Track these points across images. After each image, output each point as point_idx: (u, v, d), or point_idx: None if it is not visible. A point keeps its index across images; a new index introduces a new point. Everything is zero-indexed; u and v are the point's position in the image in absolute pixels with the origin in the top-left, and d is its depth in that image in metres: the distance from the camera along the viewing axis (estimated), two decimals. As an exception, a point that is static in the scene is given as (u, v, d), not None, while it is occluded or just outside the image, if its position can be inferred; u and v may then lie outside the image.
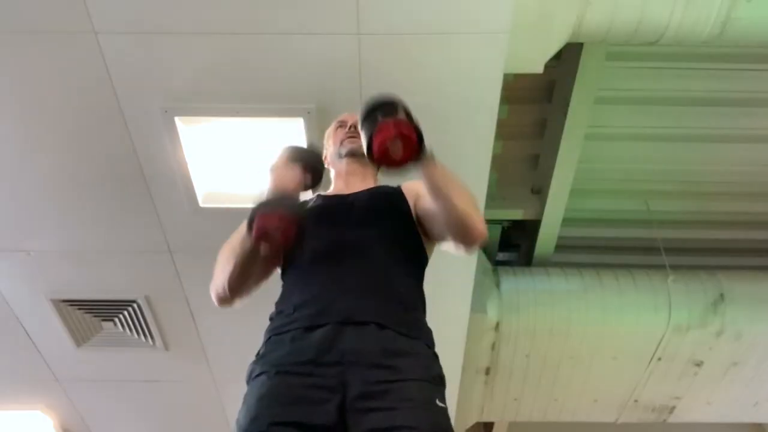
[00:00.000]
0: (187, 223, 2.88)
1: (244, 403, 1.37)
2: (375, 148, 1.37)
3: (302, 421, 1.27)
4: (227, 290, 1.52)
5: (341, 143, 1.80)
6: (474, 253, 1.55)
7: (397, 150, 1.38)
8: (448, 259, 1.78)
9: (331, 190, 1.80)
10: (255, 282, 1.59)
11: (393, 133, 1.36)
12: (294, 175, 1.52)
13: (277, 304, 1.55)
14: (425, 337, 1.48)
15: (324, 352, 1.36)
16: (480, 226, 1.47)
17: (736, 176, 3.85)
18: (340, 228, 1.58)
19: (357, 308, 1.43)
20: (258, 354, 1.46)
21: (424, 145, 1.39)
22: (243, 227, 1.45)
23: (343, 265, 1.50)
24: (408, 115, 1.39)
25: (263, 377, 1.37)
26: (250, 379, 1.42)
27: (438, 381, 1.40)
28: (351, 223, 1.59)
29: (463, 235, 1.49)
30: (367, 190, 1.71)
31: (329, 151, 1.86)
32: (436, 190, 1.46)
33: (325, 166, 1.87)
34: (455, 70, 2.39)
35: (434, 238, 1.63)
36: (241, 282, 1.52)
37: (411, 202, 1.66)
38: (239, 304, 1.57)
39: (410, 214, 1.64)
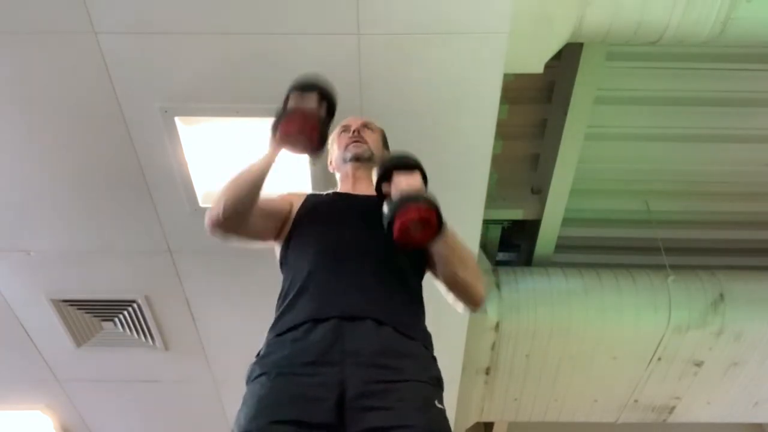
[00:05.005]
0: (187, 223, 2.88)
1: (243, 403, 1.37)
2: (396, 228, 1.41)
3: (302, 419, 1.28)
4: (221, 211, 1.53)
5: (346, 148, 1.82)
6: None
7: (417, 232, 1.43)
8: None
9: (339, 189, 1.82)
10: (251, 224, 1.59)
11: (416, 216, 1.40)
12: (311, 102, 1.56)
13: (278, 301, 1.55)
14: (424, 339, 1.49)
15: (324, 353, 1.36)
16: (481, 292, 1.57)
17: (736, 176, 3.85)
18: (345, 226, 1.60)
19: (355, 304, 1.44)
20: (258, 354, 1.46)
21: (444, 225, 1.44)
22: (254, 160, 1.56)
23: (343, 264, 1.52)
24: (429, 198, 1.43)
25: (263, 378, 1.38)
26: (250, 380, 1.42)
27: (436, 383, 1.41)
28: (356, 223, 1.60)
29: (464, 300, 1.58)
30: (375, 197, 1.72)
31: (334, 155, 1.87)
32: (444, 260, 1.53)
33: (330, 170, 1.89)
34: (455, 70, 2.39)
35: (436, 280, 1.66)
36: (238, 208, 1.53)
37: None
38: (225, 234, 1.57)
39: None
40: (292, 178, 2.73)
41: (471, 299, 1.56)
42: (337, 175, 1.86)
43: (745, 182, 3.87)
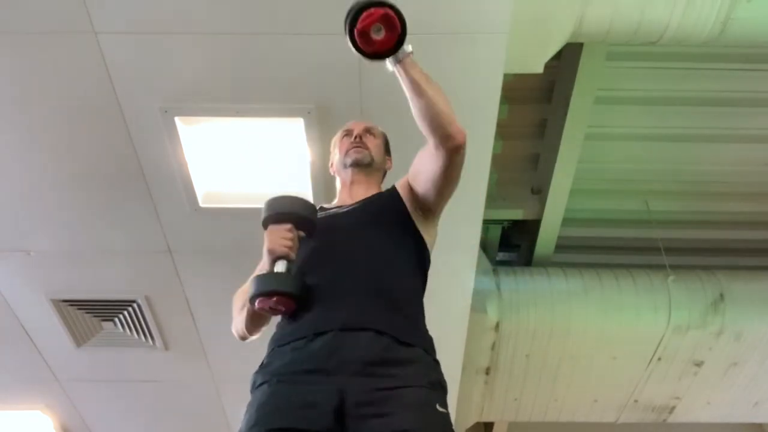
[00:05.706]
0: (187, 223, 2.88)
1: (246, 411, 1.38)
2: (357, 29, 1.37)
3: (299, 427, 1.29)
4: (246, 332, 1.60)
5: (346, 153, 1.80)
6: (460, 163, 1.57)
7: (380, 33, 1.39)
8: (448, 259, 1.78)
9: (336, 201, 1.81)
10: (270, 320, 1.64)
11: (377, 15, 1.36)
12: (286, 238, 1.49)
13: (281, 318, 1.56)
14: (424, 344, 1.49)
15: (323, 361, 1.37)
16: (457, 124, 1.49)
17: (736, 176, 3.85)
18: (337, 239, 1.59)
19: (355, 315, 1.44)
20: (261, 364, 1.47)
21: (405, 35, 1.41)
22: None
23: (341, 275, 1.52)
24: (393, 6, 1.39)
25: (265, 386, 1.39)
26: (253, 388, 1.43)
27: (437, 386, 1.41)
28: (348, 234, 1.60)
29: (442, 134, 1.49)
30: (363, 199, 1.71)
31: (335, 159, 1.86)
32: (414, 86, 1.47)
33: (331, 173, 1.89)
34: (455, 70, 2.39)
35: (428, 188, 1.62)
36: (256, 325, 1.59)
37: (405, 196, 1.67)
38: (258, 335, 1.63)
39: (407, 214, 1.65)
40: (291, 178, 2.74)
41: (448, 129, 1.48)
42: (337, 180, 1.85)
43: (745, 182, 3.87)
